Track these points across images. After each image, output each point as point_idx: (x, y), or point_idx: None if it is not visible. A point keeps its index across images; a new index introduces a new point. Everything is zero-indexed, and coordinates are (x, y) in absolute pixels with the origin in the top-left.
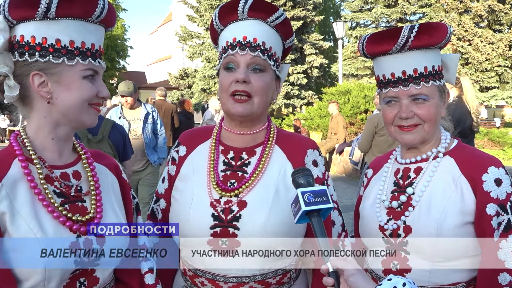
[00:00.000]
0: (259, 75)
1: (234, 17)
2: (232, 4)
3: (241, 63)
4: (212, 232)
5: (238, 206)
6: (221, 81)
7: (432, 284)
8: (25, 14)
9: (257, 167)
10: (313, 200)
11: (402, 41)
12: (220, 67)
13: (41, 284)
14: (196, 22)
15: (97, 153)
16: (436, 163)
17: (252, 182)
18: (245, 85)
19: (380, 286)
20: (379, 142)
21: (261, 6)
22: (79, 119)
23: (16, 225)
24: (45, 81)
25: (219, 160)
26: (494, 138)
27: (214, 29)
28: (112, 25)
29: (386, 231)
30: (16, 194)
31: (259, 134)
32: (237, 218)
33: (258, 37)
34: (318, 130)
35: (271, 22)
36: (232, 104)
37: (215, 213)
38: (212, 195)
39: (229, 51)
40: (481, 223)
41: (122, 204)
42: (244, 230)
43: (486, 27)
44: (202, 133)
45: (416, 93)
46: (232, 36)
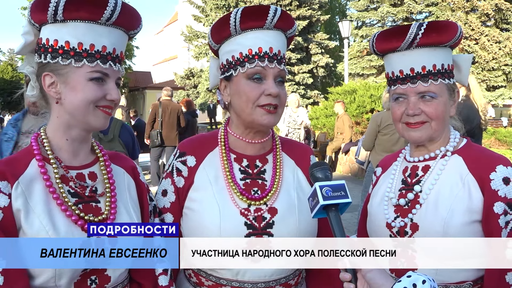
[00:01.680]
0: (282, 87)
1: (258, 25)
2: (260, 11)
3: (269, 75)
4: (247, 241)
5: (269, 213)
6: (245, 91)
7: (439, 282)
8: (41, 17)
9: (275, 174)
10: (331, 195)
11: (410, 38)
12: (239, 74)
13: (51, 280)
14: (202, 22)
15: (116, 155)
16: (444, 162)
17: (276, 190)
18: (276, 98)
19: (399, 283)
20: (382, 141)
21: (287, 17)
22: (85, 120)
23: (30, 222)
24: (55, 82)
25: (234, 168)
26: (501, 138)
27: (225, 29)
28: (134, 28)
29: (393, 229)
30: (31, 192)
31: (267, 143)
32: (271, 224)
33: (281, 50)
34: (324, 129)
35: (289, 34)
36: (261, 115)
37: (247, 221)
38: (238, 204)
39: (257, 62)
40: (489, 221)
41: (138, 206)
42: (278, 236)
43: (493, 26)
44: (206, 141)
45: (424, 90)
46: (257, 46)
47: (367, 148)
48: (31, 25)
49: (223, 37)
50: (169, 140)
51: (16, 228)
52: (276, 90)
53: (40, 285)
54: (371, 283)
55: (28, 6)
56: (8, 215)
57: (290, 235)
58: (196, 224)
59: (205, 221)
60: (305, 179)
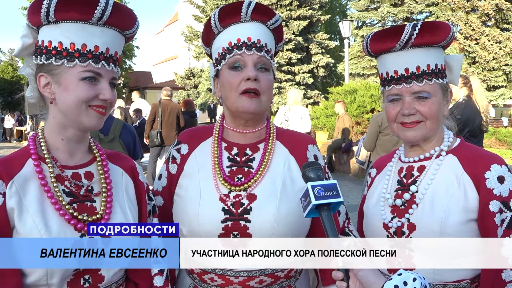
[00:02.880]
0: (265, 74)
1: (235, 19)
2: (234, 6)
3: (249, 62)
4: (223, 226)
5: (248, 199)
6: (228, 80)
7: (437, 281)
8: (36, 19)
9: (262, 161)
10: (323, 194)
11: (405, 38)
12: (223, 67)
13: (43, 279)
14: (202, 22)
15: (115, 155)
16: (439, 161)
17: (260, 176)
18: (255, 82)
19: (390, 281)
20: (384, 142)
21: (263, 9)
22: (78, 120)
23: (23, 221)
24: (49, 82)
25: (223, 156)
26: (501, 138)
27: (210, 31)
28: (128, 28)
29: (390, 229)
30: (26, 191)
31: (260, 132)
32: (248, 210)
33: (261, 39)
34: (324, 129)
35: (271, 25)
36: (243, 101)
37: (225, 207)
38: (220, 190)
39: (235, 51)
40: (484, 220)
41: (135, 206)
42: (255, 222)
43: (493, 26)
44: (203, 132)
45: (418, 90)
46: (236, 37)
47: (369, 149)
48: (29, 27)
49: (210, 39)
50: (169, 139)
51: (10, 228)
52: (254, 73)
53: (32, 284)
54: (363, 281)
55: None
56: (2, 214)
57: (267, 223)
58: (180, 210)
59: (187, 206)
60: (297, 168)
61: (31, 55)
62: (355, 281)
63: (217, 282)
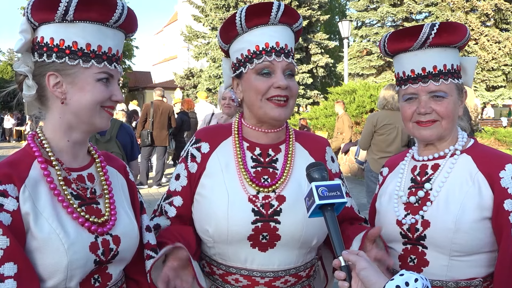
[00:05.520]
0: (292, 80)
1: (263, 21)
2: (263, 8)
3: (278, 69)
4: (253, 227)
5: (277, 201)
6: (255, 85)
7: (450, 279)
8: (46, 16)
9: (285, 163)
10: (327, 194)
11: (423, 38)
12: (248, 70)
13: (62, 283)
14: (201, 22)
15: (107, 156)
16: (453, 160)
17: (286, 178)
18: (286, 90)
19: (392, 281)
20: (378, 141)
21: (291, 12)
22: (91, 121)
23: (40, 226)
24: (60, 81)
25: (247, 156)
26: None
27: (233, 29)
28: (133, 31)
29: (404, 226)
30: (38, 195)
31: (280, 132)
32: (278, 212)
33: (288, 43)
34: (324, 129)
35: (295, 28)
36: (271, 108)
37: (255, 208)
38: (248, 191)
39: (264, 57)
40: (499, 218)
41: (131, 205)
42: (285, 223)
43: (492, 26)
44: (221, 130)
45: (435, 90)
46: (264, 41)
47: (364, 148)
48: (29, 23)
49: (231, 37)
50: (159, 140)
51: (24, 232)
52: (285, 82)
53: None
54: (365, 281)
55: (27, 4)
56: (17, 218)
57: (297, 224)
58: (206, 210)
59: (214, 207)
60: None
61: (28, 52)
62: (357, 281)
63: (242, 283)
